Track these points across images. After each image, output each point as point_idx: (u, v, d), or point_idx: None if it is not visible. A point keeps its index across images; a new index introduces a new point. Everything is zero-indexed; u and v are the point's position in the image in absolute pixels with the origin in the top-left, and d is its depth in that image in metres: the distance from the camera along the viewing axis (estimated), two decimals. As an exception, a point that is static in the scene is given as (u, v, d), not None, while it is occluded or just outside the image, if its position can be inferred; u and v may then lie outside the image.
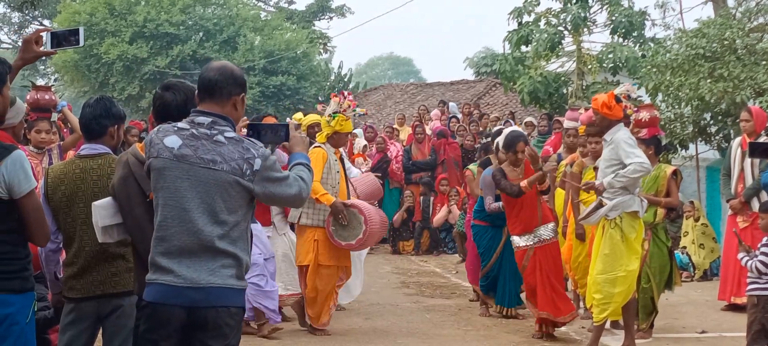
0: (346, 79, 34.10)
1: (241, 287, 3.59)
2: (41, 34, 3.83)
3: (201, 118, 3.61)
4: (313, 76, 30.87)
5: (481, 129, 15.65)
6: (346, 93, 8.66)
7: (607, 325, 7.71)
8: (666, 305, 9.14)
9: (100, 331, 4.51)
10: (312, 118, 9.67)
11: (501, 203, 8.10)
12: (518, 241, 7.77)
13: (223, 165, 3.53)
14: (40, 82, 38.12)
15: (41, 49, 3.84)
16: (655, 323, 7.86)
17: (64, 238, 4.42)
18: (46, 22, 34.28)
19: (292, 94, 29.02)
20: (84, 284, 4.37)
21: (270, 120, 7.45)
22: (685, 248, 11.31)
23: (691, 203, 11.63)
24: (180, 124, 3.62)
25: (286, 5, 36.88)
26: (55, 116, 7.56)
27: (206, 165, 3.52)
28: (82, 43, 3.92)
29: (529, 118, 15.83)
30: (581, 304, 8.44)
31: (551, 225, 7.83)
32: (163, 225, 3.54)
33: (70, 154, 7.03)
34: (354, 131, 13.87)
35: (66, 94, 30.92)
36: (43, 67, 36.42)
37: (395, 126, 16.53)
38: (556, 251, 7.87)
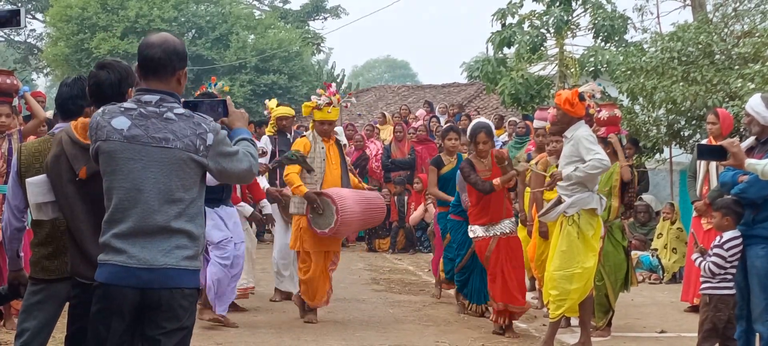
0: (338, 80, 34.14)
1: (195, 268, 3.56)
2: None
3: (147, 97, 3.57)
4: (304, 76, 30.92)
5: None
6: (331, 86, 8.63)
7: (574, 322, 7.72)
8: (630, 305, 9.15)
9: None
10: (282, 110, 9.69)
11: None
12: (480, 231, 7.74)
13: (176, 142, 3.50)
14: (35, 75, 38.13)
15: None
16: (614, 322, 7.86)
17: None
18: (38, 16, 34.29)
19: (283, 93, 29.04)
20: (59, 265, 4.31)
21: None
22: (656, 250, 11.28)
23: (671, 205, 11.56)
24: (126, 105, 3.59)
25: (280, 4, 36.90)
26: (16, 101, 7.54)
27: (158, 144, 3.49)
28: (23, 24, 3.97)
29: (512, 118, 15.83)
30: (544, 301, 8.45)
31: (512, 219, 7.86)
32: (118, 208, 3.50)
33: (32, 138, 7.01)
34: (335, 129, 13.85)
35: (56, 88, 30.91)
36: (36, 61, 36.42)
37: (377, 125, 16.52)
38: (517, 243, 7.89)
